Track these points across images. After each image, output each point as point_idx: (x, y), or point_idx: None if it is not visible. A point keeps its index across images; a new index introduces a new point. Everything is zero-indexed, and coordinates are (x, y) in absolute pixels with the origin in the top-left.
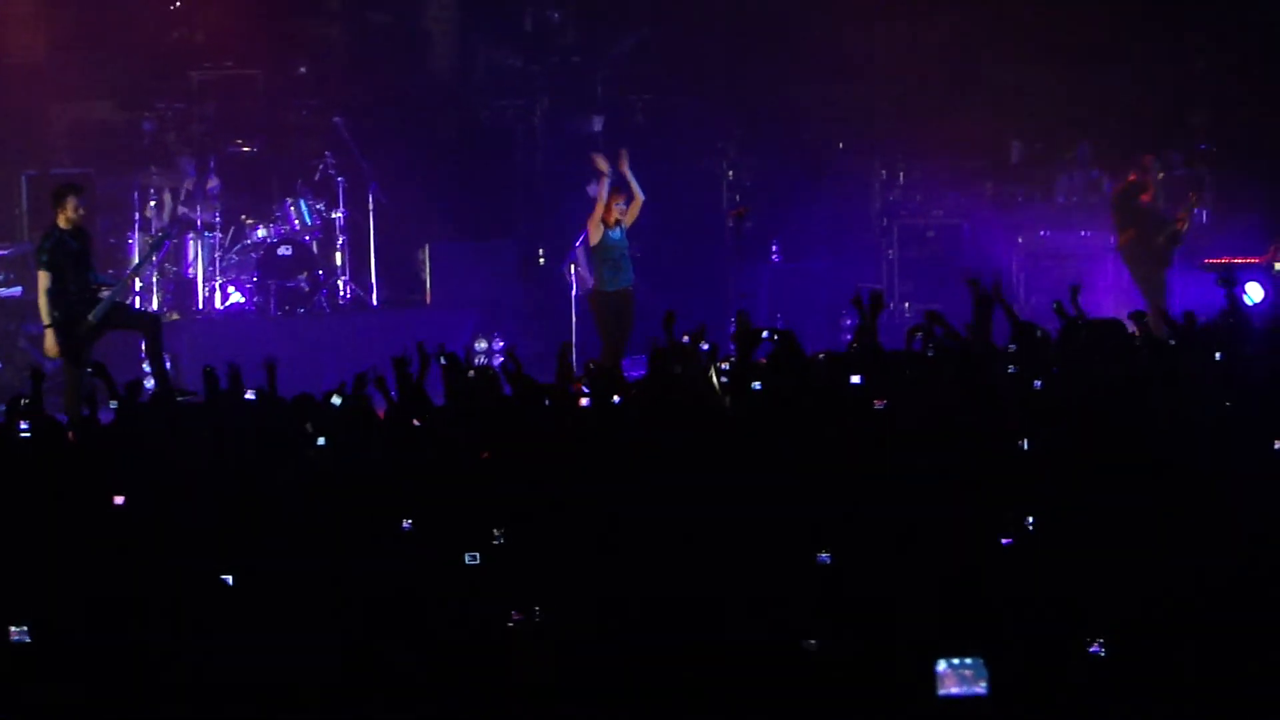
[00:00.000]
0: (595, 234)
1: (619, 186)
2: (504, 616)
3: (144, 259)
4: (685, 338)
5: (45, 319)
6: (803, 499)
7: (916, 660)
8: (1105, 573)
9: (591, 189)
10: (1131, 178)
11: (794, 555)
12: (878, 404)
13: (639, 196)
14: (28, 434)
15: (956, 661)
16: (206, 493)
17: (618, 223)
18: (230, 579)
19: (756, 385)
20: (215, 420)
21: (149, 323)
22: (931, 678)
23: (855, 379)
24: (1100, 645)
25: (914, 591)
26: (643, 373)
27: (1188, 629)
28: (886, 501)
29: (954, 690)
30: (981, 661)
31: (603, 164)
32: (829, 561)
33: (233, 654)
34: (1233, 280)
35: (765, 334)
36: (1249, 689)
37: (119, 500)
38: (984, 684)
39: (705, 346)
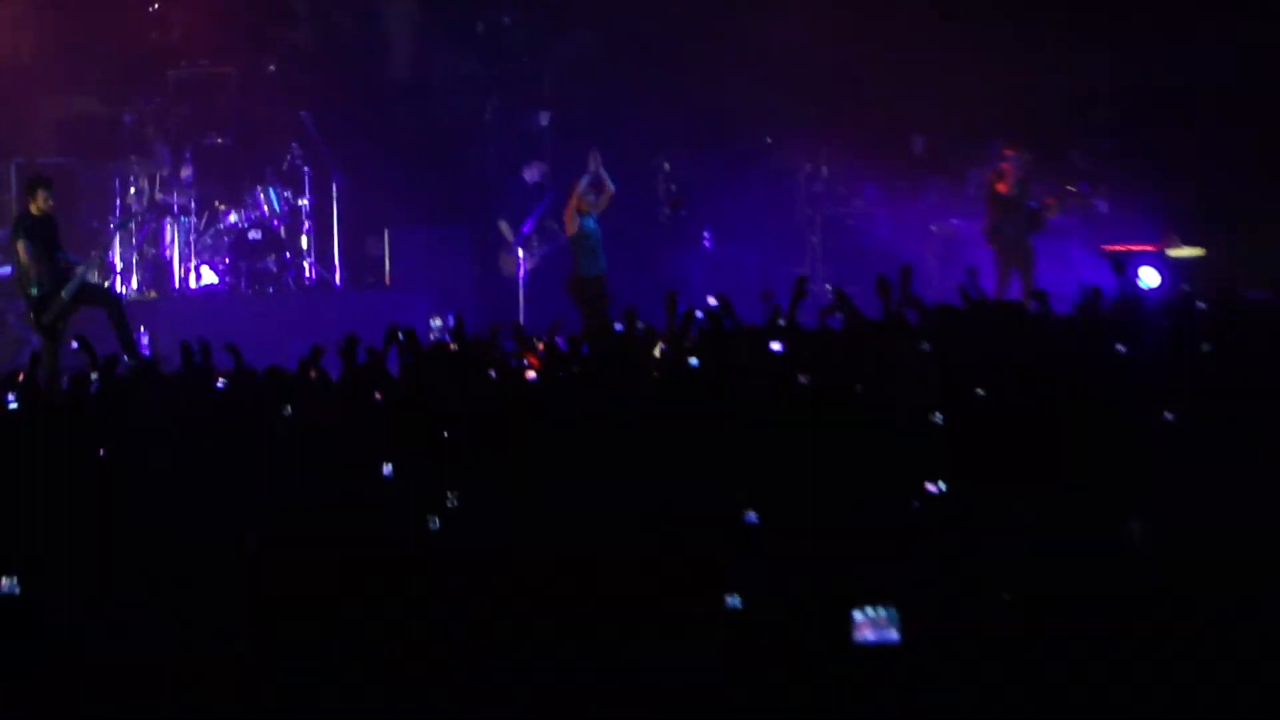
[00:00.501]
0: (572, 225)
1: (594, 182)
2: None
3: (116, 239)
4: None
5: (30, 288)
6: (728, 464)
7: (834, 612)
8: (1012, 535)
9: (527, 174)
10: (1002, 167)
11: (722, 511)
12: (801, 378)
13: (609, 189)
14: (14, 405)
15: (871, 611)
16: (188, 451)
17: (590, 212)
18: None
19: (694, 361)
20: (193, 389)
21: (113, 301)
22: (848, 625)
23: (776, 346)
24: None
25: (832, 548)
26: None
27: (1086, 590)
28: (805, 467)
29: (869, 636)
30: (894, 611)
31: (595, 161)
32: (754, 521)
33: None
34: (1124, 265)
35: (698, 313)
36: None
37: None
38: (895, 631)
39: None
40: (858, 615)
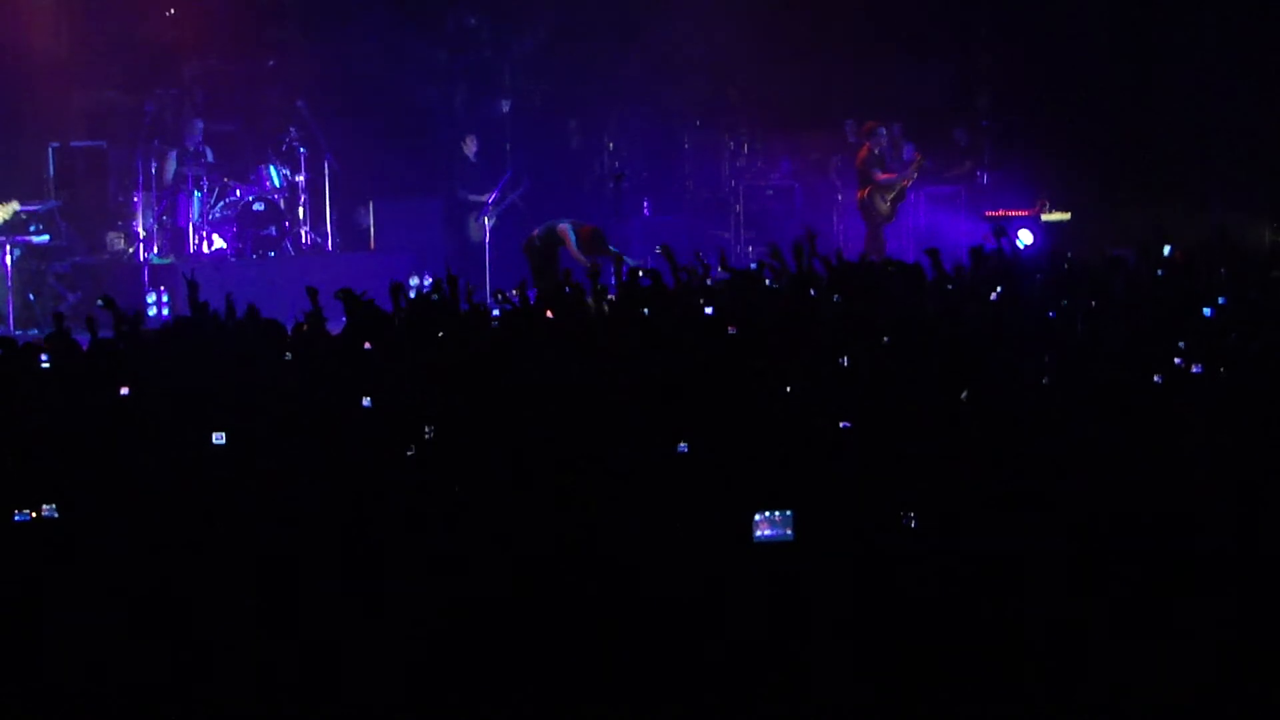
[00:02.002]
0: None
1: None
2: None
3: (140, 211)
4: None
5: None
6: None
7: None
8: (912, 465)
9: (466, 148)
10: (867, 146)
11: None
12: (730, 329)
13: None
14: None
15: (769, 512)
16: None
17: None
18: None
19: (645, 311)
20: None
21: None
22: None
23: (708, 310)
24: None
25: (751, 468)
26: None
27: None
28: (736, 403)
29: (767, 533)
30: (790, 513)
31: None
32: (686, 450)
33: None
34: (1003, 230)
35: (641, 273)
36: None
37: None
38: (790, 530)
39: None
40: (758, 515)
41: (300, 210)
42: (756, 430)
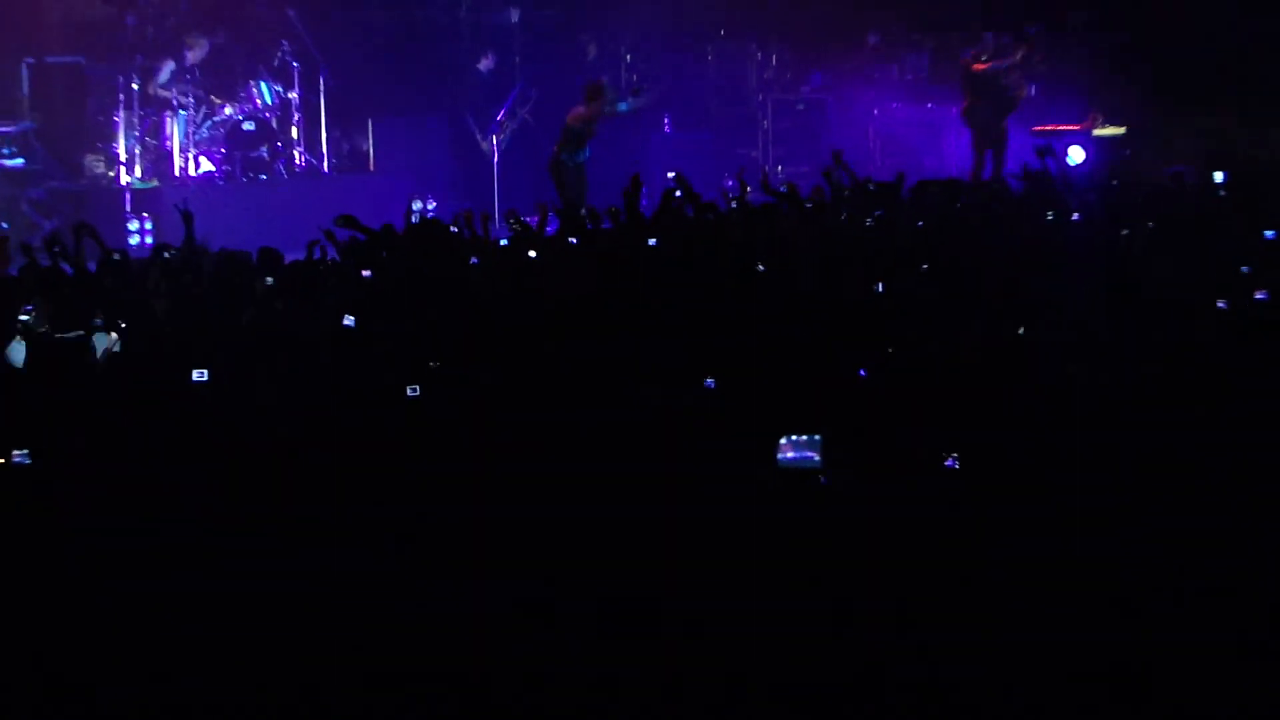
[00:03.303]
0: (579, 122)
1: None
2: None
3: (121, 132)
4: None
5: None
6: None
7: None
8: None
9: (482, 65)
10: (972, 54)
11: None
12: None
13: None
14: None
15: (795, 436)
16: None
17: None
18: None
19: (652, 241)
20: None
21: None
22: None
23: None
24: (955, 460)
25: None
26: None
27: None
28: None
29: (789, 455)
30: (818, 436)
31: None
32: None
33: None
34: (1050, 149)
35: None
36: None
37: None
38: (817, 455)
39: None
40: (784, 440)
41: (293, 130)
42: (784, 372)
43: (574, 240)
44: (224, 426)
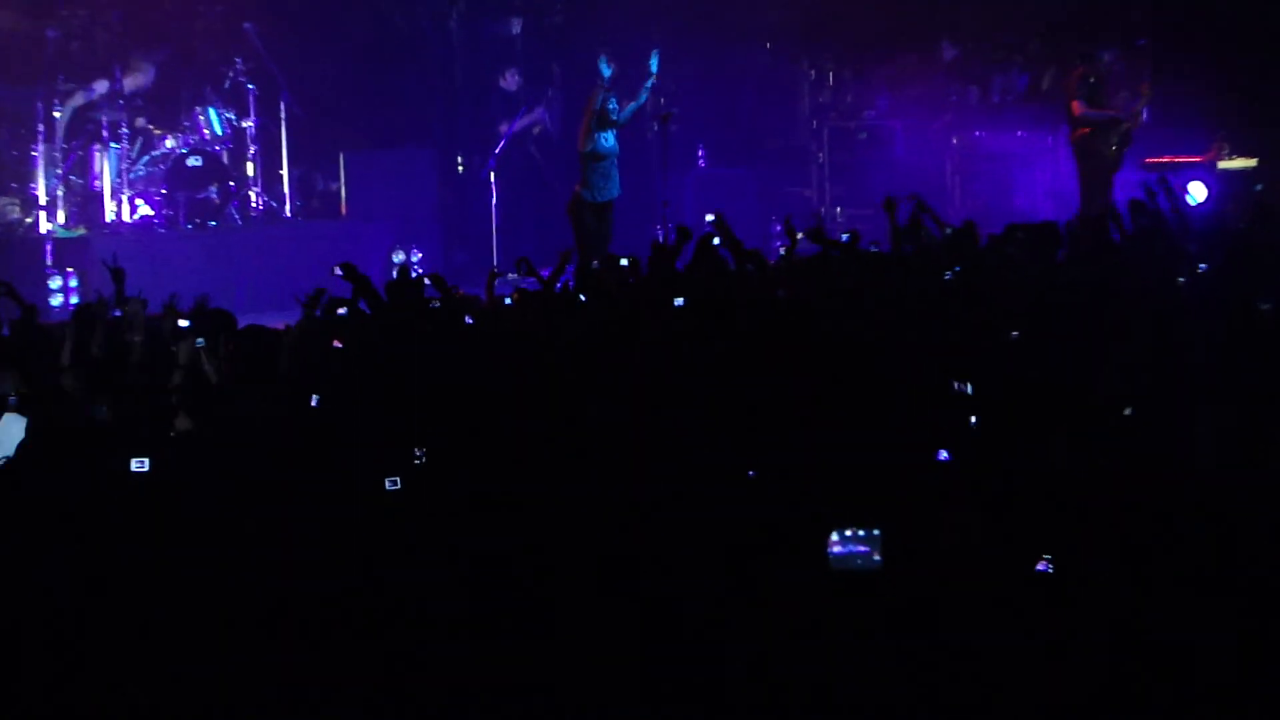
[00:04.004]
0: (586, 141)
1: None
2: None
3: (40, 169)
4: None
5: None
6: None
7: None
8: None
9: (506, 82)
10: (1081, 70)
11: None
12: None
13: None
14: None
15: (852, 530)
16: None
17: (610, 128)
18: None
19: (679, 301)
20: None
21: None
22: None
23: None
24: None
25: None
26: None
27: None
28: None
29: (841, 551)
30: (878, 531)
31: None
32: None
33: None
34: (1164, 183)
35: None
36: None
37: None
38: (878, 554)
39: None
40: (835, 535)
41: (249, 166)
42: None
43: (584, 297)
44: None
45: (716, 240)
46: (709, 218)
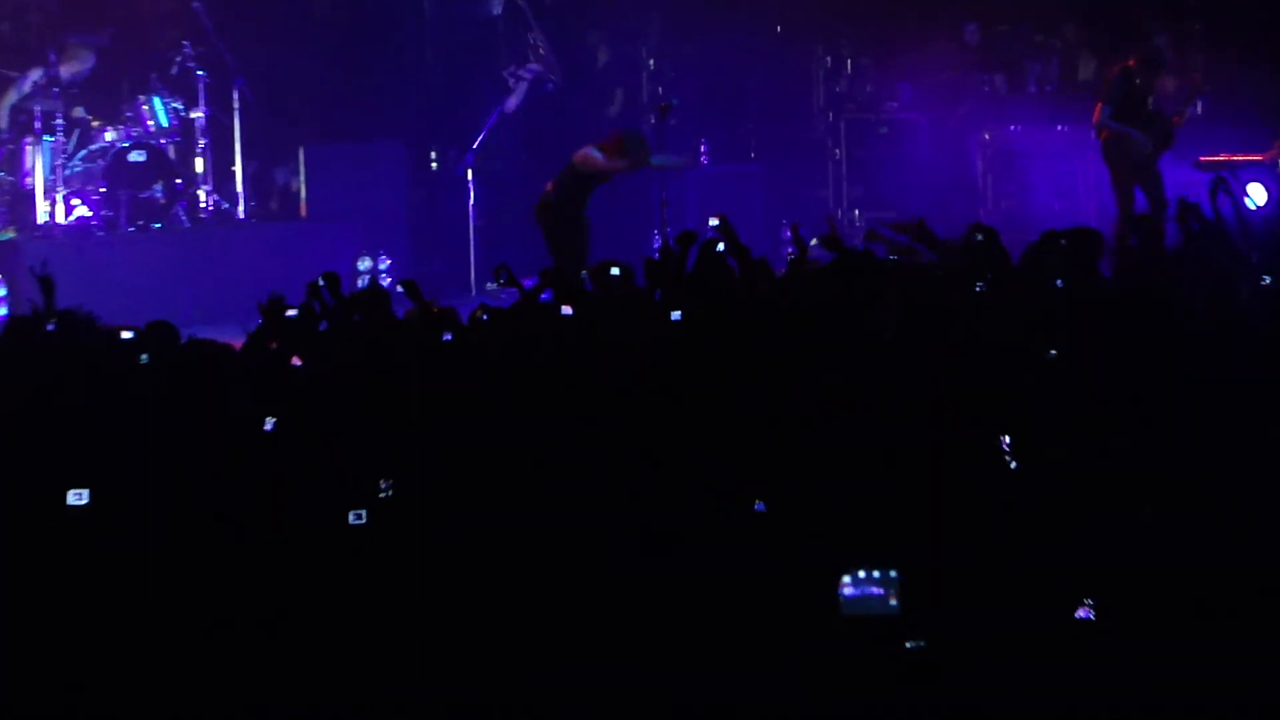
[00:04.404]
0: (589, 164)
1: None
2: None
3: None
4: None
5: None
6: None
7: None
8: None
9: (510, 104)
10: (1130, 63)
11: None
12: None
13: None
14: None
15: (862, 573)
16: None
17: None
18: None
19: (676, 315)
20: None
21: None
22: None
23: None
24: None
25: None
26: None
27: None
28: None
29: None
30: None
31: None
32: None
33: None
34: (1224, 184)
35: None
36: None
37: None
38: (895, 599)
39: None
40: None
41: (198, 162)
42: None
43: (568, 312)
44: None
45: (721, 247)
46: (713, 222)
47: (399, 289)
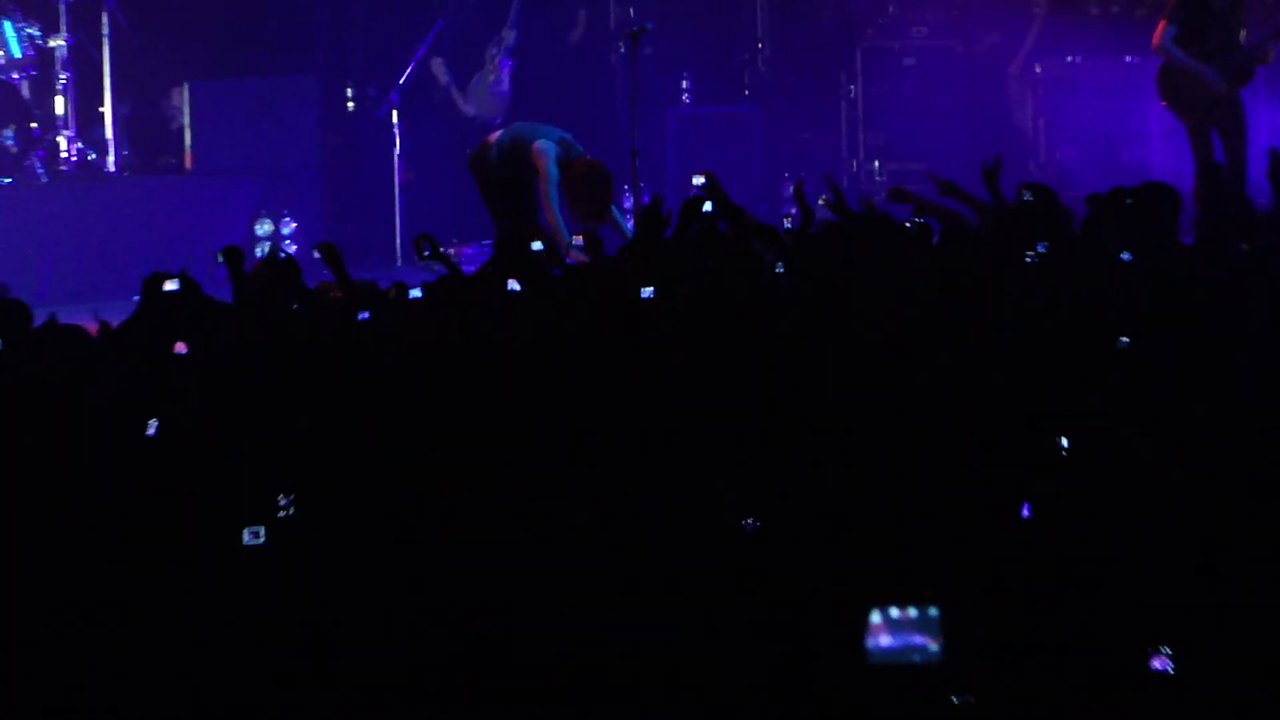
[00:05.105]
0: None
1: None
2: None
3: None
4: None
5: None
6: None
7: None
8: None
9: (439, 73)
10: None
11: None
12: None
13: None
14: None
15: (895, 612)
16: None
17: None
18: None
19: (647, 292)
20: None
21: None
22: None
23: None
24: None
25: None
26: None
27: None
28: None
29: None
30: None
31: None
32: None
33: None
34: None
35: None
36: None
37: None
38: (935, 642)
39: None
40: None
41: (59, 101)
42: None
43: (516, 286)
44: None
45: (709, 207)
46: (697, 180)
47: (315, 255)
